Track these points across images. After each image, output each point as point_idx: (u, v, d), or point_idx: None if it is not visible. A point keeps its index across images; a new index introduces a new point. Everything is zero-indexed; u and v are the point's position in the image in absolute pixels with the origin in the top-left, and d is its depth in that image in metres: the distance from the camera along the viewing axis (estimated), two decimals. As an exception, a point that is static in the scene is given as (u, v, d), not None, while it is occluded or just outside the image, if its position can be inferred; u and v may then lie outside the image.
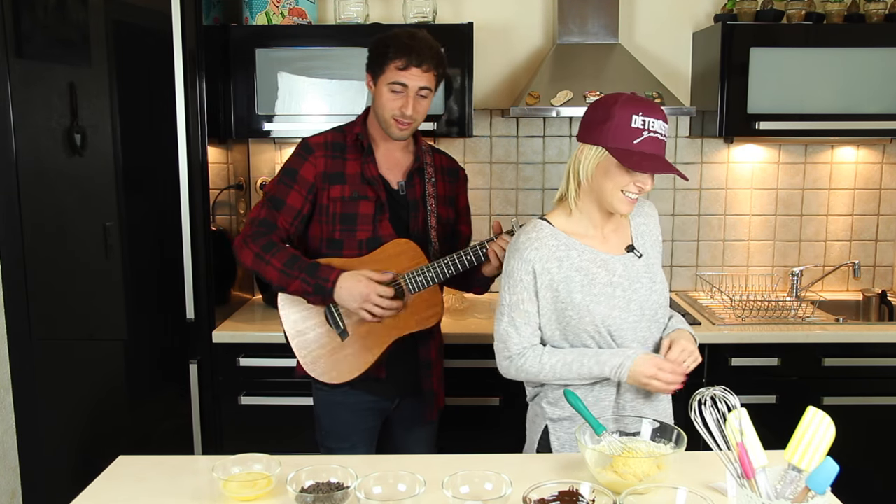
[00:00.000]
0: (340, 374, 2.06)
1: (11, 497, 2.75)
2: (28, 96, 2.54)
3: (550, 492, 1.37)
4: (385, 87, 2.02)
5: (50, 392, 2.70)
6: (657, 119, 1.63)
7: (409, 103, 2.01)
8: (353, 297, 1.97)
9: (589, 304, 1.72)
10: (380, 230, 2.07)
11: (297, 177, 2.07)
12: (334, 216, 2.07)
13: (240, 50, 2.78)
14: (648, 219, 1.87)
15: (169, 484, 1.57)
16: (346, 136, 2.11)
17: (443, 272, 2.04)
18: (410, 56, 1.98)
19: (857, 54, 2.79)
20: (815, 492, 1.22)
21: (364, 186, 2.07)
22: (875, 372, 2.67)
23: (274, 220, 2.07)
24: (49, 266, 2.63)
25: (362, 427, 2.16)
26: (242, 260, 2.07)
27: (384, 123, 2.05)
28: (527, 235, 1.75)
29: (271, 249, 2.02)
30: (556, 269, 1.72)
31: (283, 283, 2.02)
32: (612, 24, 2.93)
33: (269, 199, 2.09)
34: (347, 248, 2.07)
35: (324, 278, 1.98)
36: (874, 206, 3.22)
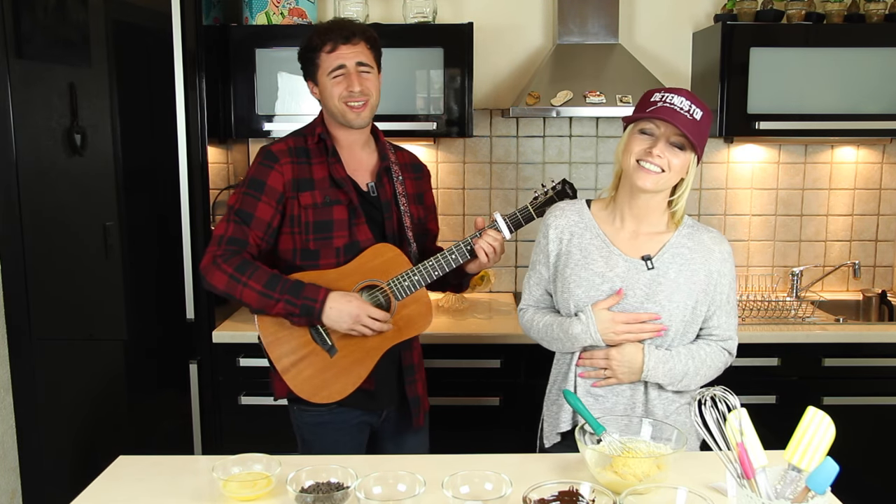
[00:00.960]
0: (332, 392, 1.94)
1: (11, 497, 2.75)
2: (28, 96, 2.55)
3: (550, 492, 1.37)
4: (326, 79, 1.95)
5: (50, 392, 2.70)
6: (677, 94, 1.68)
7: (353, 80, 1.93)
8: (343, 317, 1.86)
9: (570, 283, 1.76)
10: (357, 235, 1.96)
11: (264, 187, 1.92)
12: (307, 225, 1.94)
13: (240, 50, 2.78)
14: (701, 248, 1.77)
15: (169, 484, 1.57)
16: (307, 139, 2.01)
17: (428, 275, 1.96)
18: (335, 36, 1.93)
19: (857, 54, 2.79)
20: (815, 492, 1.22)
21: (335, 190, 1.96)
22: (875, 372, 2.67)
23: (244, 235, 1.91)
24: (49, 266, 2.63)
25: (351, 444, 2.03)
26: (214, 283, 1.89)
27: (339, 114, 1.96)
28: (560, 204, 1.90)
29: (247, 270, 1.87)
30: (567, 241, 1.81)
31: (263, 305, 1.87)
32: (612, 24, 2.93)
33: (236, 214, 1.92)
34: (324, 258, 1.95)
35: (311, 299, 1.86)
36: (874, 206, 3.22)
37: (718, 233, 1.83)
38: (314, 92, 2.02)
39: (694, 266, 1.75)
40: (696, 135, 1.66)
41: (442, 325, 2.71)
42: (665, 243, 1.77)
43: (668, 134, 1.66)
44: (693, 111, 1.65)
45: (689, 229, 1.79)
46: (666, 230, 1.78)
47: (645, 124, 1.69)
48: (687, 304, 1.73)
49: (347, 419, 2.02)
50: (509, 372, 2.63)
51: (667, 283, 1.73)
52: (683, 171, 1.70)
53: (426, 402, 2.14)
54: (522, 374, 2.63)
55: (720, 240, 1.80)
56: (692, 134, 1.64)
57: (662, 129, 1.66)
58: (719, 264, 1.77)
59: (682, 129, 1.63)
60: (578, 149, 3.18)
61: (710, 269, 1.76)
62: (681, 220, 1.78)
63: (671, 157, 1.66)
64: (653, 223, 1.78)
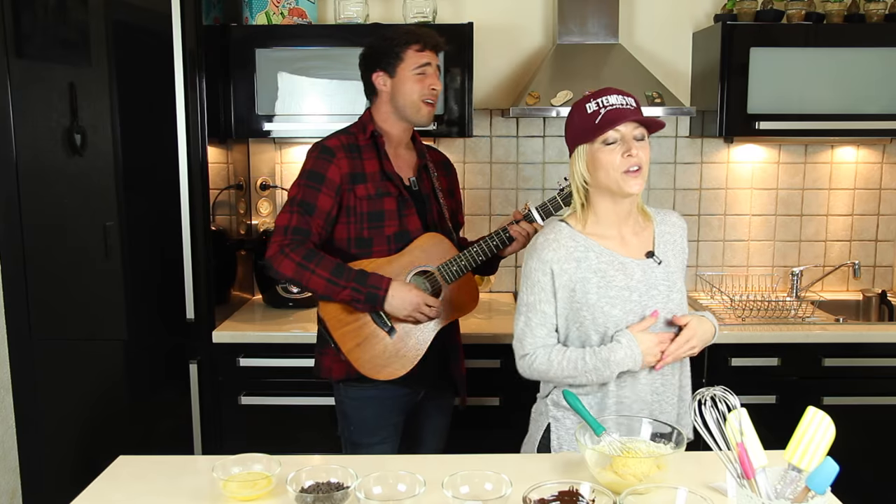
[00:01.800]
0: (395, 370, 2.10)
1: (11, 497, 2.75)
2: (28, 96, 2.54)
3: (550, 492, 1.37)
4: (409, 74, 2.09)
5: (50, 392, 2.70)
6: (611, 95, 1.70)
7: (436, 80, 2.11)
8: (405, 305, 2.03)
9: (604, 305, 1.72)
10: (407, 224, 2.13)
11: (324, 179, 2.07)
12: (362, 215, 2.09)
13: (240, 50, 2.78)
14: (675, 228, 1.86)
15: (169, 484, 1.57)
16: (357, 136, 2.14)
17: (474, 259, 2.13)
18: (425, 39, 2.10)
19: (857, 54, 2.79)
20: (815, 492, 1.22)
21: (385, 183, 2.11)
22: (875, 372, 2.67)
23: (307, 225, 2.05)
24: (49, 266, 2.63)
25: (392, 421, 2.20)
26: (282, 271, 2.03)
27: (413, 109, 2.11)
28: (545, 237, 1.77)
29: (314, 258, 2.01)
30: (574, 270, 1.74)
31: (330, 292, 2.02)
32: (612, 24, 2.94)
33: (299, 205, 2.06)
34: (377, 245, 2.11)
35: (376, 287, 2.01)
36: (874, 206, 3.22)
37: (672, 210, 1.94)
38: (383, 84, 2.13)
39: (677, 247, 1.85)
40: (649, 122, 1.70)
41: (442, 325, 2.71)
42: (653, 235, 1.82)
43: (630, 132, 1.69)
44: (629, 102, 1.70)
45: (660, 215, 1.87)
46: (644, 224, 1.83)
47: (607, 134, 1.68)
48: (684, 282, 1.84)
49: (391, 396, 2.16)
50: (509, 372, 2.60)
51: (673, 270, 1.80)
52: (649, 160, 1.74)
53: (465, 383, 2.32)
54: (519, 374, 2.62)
55: (679, 216, 1.91)
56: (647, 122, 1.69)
57: (623, 129, 1.68)
58: (685, 237, 1.89)
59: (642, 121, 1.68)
60: (578, 149, 3.17)
61: (684, 245, 1.87)
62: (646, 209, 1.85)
63: (640, 151, 1.69)
64: (633, 220, 1.81)
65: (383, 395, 2.15)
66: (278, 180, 3.18)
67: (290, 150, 3.17)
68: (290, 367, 2.63)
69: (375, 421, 2.18)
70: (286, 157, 3.18)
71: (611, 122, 1.67)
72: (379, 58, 2.12)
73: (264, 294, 3.04)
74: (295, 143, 3.13)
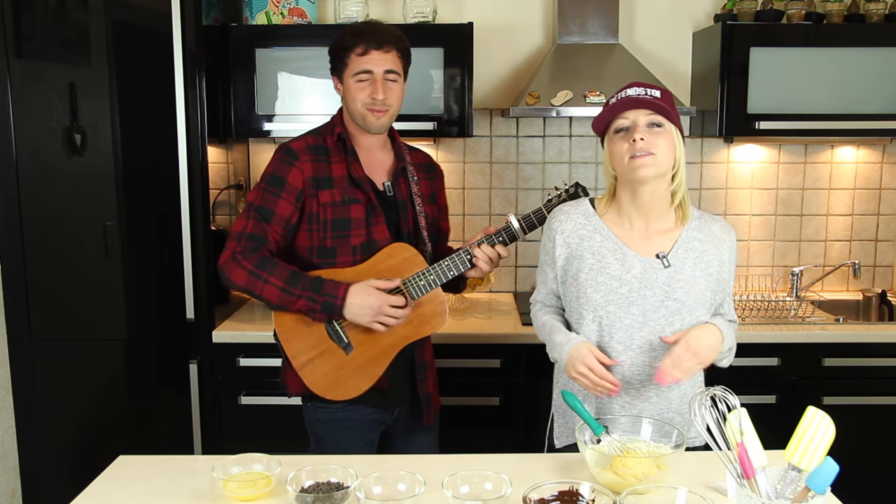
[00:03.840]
0: (348, 389, 1.97)
1: (11, 497, 2.75)
2: (28, 96, 2.54)
3: (550, 492, 1.37)
4: (351, 80, 1.96)
5: (50, 392, 2.70)
6: (632, 87, 1.71)
7: (378, 88, 1.94)
8: (365, 311, 1.88)
9: (588, 288, 1.73)
10: (374, 234, 1.98)
11: (284, 184, 1.94)
12: (325, 223, 1.96)
13: (240, 50, 2.78)
14: (711, 238, 1.77)
15: (169, 484, 1.57)
16: (325, 137, 2.02)
17: (444, 273, 1.97)
18: (368, 40, 1.94)
19: (857, 54, 2.79)
20: (815, 492, 1.22)
21: (353, 189, 1.98)
22: (875, 372, 2.67)
23: (263, 232, 1.93)
24: (49, 266, 2.63)
25: (363, 441, 2.06)
26: (234, 279, 1.91)
27: (359, 117, 1.98)
28: (562, 207, 1.85)
29: (267, 266, 1.89)
30: (576, 246, 1.77)
31: (283, 302, 1.90)
32: (612, 24, 2.94)
33: (256, 210, 1.94)
34: (341, 256, 1.97)
35: (332, 295, 1.88)
36: (874, 206, 3.22)
37: (725, 221, 1.83)
38: (338, 88, 2.05)
39: (707, 258, 1.75)
40: (664, 110, 1.67)
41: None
42: (677, 239, 1.76)
43: (641, 118, 1.67)
44: (650, 92, 1.69)
45: (698, 221, 1.79)
46: (675, 226, 1.77)
47: (617, 122, 1.69)
48: (705, 296, 1.74)
49: (360, 416, 2.03)
50: (509, 372, 2.63)
51: (684, 278, 1.72)
52: (673, 150, 1.69)
53: (437, 401, 2.17)
54: (522, 374, 2.63)
55: (728, 229, 1.81)
56: (660, 109, 1.67)
57: (632, 117, 1.68)
58: (728, 253, 1.79)
59: (649, 107, 1.66)
60: (578, 149, 3.18)
61: (722, 258, 1.77)
62: (688, 212, 1.77)
63: (654, 138, 1.66)
64: (661, 219, 1.76)
65: (352, 416, 2.01)
66: (278, 180, 3.17)
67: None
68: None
69: (347, 444, 2.01)
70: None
71: (615, 109, 1.68)
72: (332, 58, 2.02)
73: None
74: (295, 143, 3.13)
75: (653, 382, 1.71)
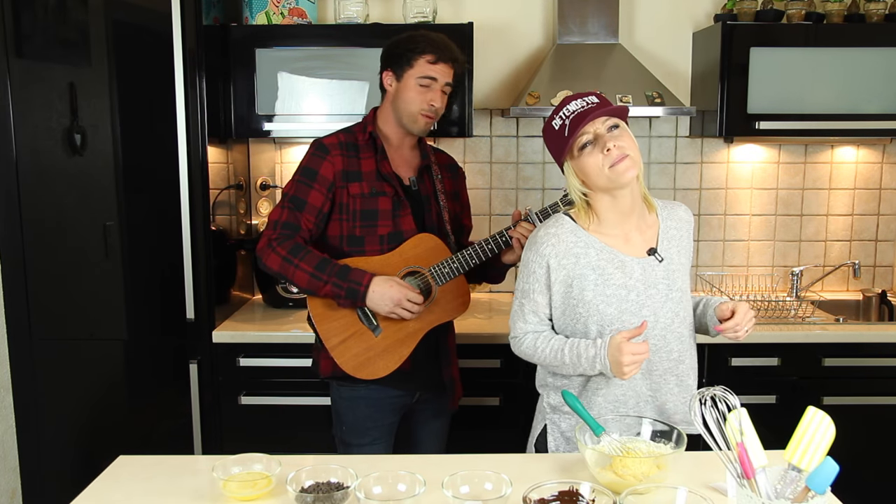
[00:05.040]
0: (377, 369, 2.09)
1: (11, 497, 2.75)
2: (28, 96, 2.54)
3: (550, 492, 1.37)
4: (413, 82, 2.07)
5: (50, 392, 2.70)
6: (570, 103, 1.71)
7: (437, 96, 2.09)
8: (385, 301, 2.00)
9: (599, 303, 1.72)
10: (401, 225, 2.11)
11: (317, 176, 2.08)
12: (355, 213, 2.09)
13: (240, 50, 2.78)
14: (681, 223, 1.84)
15: (169, 484, 1.57)
16: (356, 136, 2.14)
17: (466, 262, 2.10)
18: (441, 51, 2.07)
19: (857, 54, 2.79)
20: (815, 492, 1.22)
21: (381, 183, 2.10)
22: (875, 372, 2.67)
23: (297, 220, 2.07)
24: (49, 266, 2.63)
25: (384, 422, 2.18)
26: (269, 264, 2.05)
27: (409, 118, 2.10)
28: (546, 230, 1.78)
29: (299, 253, 2.02)
30: (573, 265, 1.74)
31: (313, 287, 2.02)
32: (612, 24, 2.94)
33: (290, 200, 2.08)
34: (369, 245, 2.10)
35: (357, 282, 2.00)
36: (874, 206, 3.23)
37: (682, 203, 1.90)
38: (389, 84, 2.13)
39: (683, 242, 1.83)
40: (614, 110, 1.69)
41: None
42: (658, 231, 1.80)
43: (600, 127, 1.68)
44: (588, 101, 1.70)
45: (665, 210, 1.84)
46: (649, 220, 1.81)
47: (578, 140, 1.69)
48: (688, 278, 1.83)
49: (383, 396, 2.15)
50: (509, 372, 2.63)
51: (676, 267, 1.78)
52: (636, 144, 1.71)
53: (460, 387, 2.29)
54: (522, 374, 2.63)
55: (688, 210, 1.89)
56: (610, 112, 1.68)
57: (591, 129, 1.68)
58: (692, 232, 1.87)
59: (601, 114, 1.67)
60: (578, 149, 3.17)
61: (690, 239, 1.86)
62: (652, 201, 1.82)
63: (620, 141, 1.67)
64: (637, 214, 1.79)
65: (374, 395, 2.14)
66: (278, 180, 3.18)
67: (290, 149, 3.17)
68: (289, 367, 2.63)
69: (367, 422, 2.16)
70: (286, 157, 3.18)
71: (574, 128, 1.67)
72: (392, 57, 2.12)
73: (264, 294, 3.04)
74: (295, 142, 3.13)
75: (672, 374, 1.76)
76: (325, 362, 2.14)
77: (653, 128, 3.18)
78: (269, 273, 2.09)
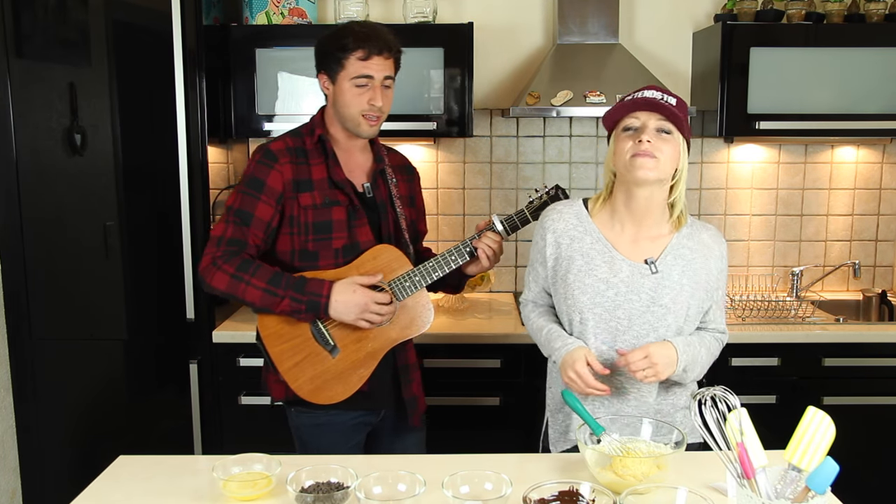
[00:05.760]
0: (335, 393, 1.94)
1: (11, 497, 2.75)
2: (28, 96, 2.54)
3: (550, 492, 1.37)
4: (348, 84, 1.91)
5: (50, 392, 2.70)
6: (649, 90, 1.71)
7: (377, 95, 1.91)
8: (350, 308, 1.86)
9: (575, 289, 1.74)
10: (357, 236, 1.95)
11: (264, 187, 1.90)
12: (306, 226, 1.92)
13: (240, 50, 2.78)
14: (701, 246, 1.76)
15: (169, 484, 1.57)
16: (304, 139, 1.98)
17: (429, 275, 1.96)
18: (371, 45, 1.89)
19: (857, 54, 2.79)
20: (815, 492, 1.22)
21: (334, 191, 1.94)
22: (875, 372, 2.67)
23: (243, 236, 1.89)
24: (49, 266, 2.63)
25: (349, 444, 2.03)
26: (215, 284, 1.87)
27: (352, 122, 1.95)
28: (556, 206, 1.86)
29: (249, 268, 1.86)
30: (567, 246, 1.78)
31: (267, 303, 1.86)
32: (612, 24, 2.94)
33: (236, 214, 1.90)
34: (323, 259, 1.94)
35: (316, 293, 1.85)
36: (874, 206, 3.22)
37: (716, 230, 1.82)
38: (327, 88, 1.99)
39: (695, 266, 1.74)
40: (677, 118, 1.67)
41: (442, 325, 2.71)
42: (666, 245, 1.75)
43: (652, 122, 1.67)
44: (666, 99, 1.68)
45: (689, 228, 1.78)
46: (667, 232, 1.76)
47: (627, 121, 1.69)
48: (690, 304, 1.73)
49: (345, 420, 2.01)
50: (509, 372, 2.63)
51: (671, 285, 1.71)
52: (676, 159, 1.68)
53: (423, 402, 2.13)
54: (522, 374, 2.63)
55: (718, 238, 1.80)
56: (672, 116, 1.66)
57: (643, 118, 1.67)
58: (718, 261, 1.77)
59: (662, 112, 1.66)
60: (578, 149, 3.18)
61: (710, 267, 1.75)
62: (684, 219, 1.76)
63: (660, 143, 1.66)
64: (653, 225, 1.75)
65: (336, 420, 1.99)
66: (278, 180, 3.17)
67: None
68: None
69: (332, 449, 1.97)
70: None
71: (627, 107, 1.69)
72: (325, 56, 1.95)
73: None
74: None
75: (633, 385, 1.73)
76: (276, 386, 1.99)
77: (653, 128, 3.18)
78: (215, 294, 1.91)
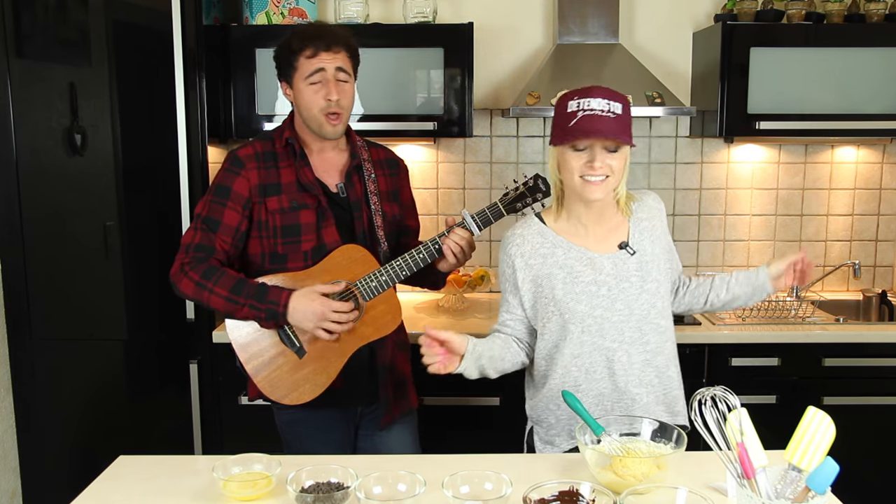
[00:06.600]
0: (302, 394, 1.95)
1: (11, 497, 2.75)
2: (28, 96, 2.55)
3: (550, 492, 1.37)
4: (303, 84, 1.93)
5: (50, 392, 2.70)
6: (593, 98, 1.66)
7: (331, 89, 1.92)
8: (307, 317, 1.87)
9: (569, 301, 1.74)
10: (324, 238, 1.96)
11: (230, 193, 1.93)
12: (275, 229, 1.95)
13: (240, 50, 2.77)
14: (651, 212, 1.83)
15: (169, 484, 1.57)
16: (274, 143, 2.00)
17: (396, 275, 1.96)
18: (318, 41, 1.91)
19: (857, 54, 2.79)
20: (815, 492, 1.22)
21: (302, 194, 1.96)
22: (875, 372, 2.67)
23: (210, 242, 1.92)
24: (49, 266, 2.63)
25: (330, 441, 2.04)
26: (183, 290, 1.92)
27: (315, 123, 1.95)
28: (513, 231, 1.83)
29: (212, 276, 1.89)
30: (540, 265, 1.77)
31: (230, 310, 1.90)
32: (612, 24, 2.93)
33: (203, 221, 1.94)
34: (292, 262, 1.96)
35: (274, 302, 1.87)
36: (874, 206, 3.22)
37: (652, 192, 1.89)
38: (288, 94, 2.00)
39: (656, 232, 1.82)
40: (623, 131, 1.67)
41: (442, 325, 2.70)
42: (629, 225, 1.80)
43: (599, 145, 1.67)
44: (612, 108, 1.66)
45: (637, 203, 1.83)
46: (621, 217, 1.81)
47: (575, 142, 1.67)
48: (668, 266, 1.83)
49: (321, 417, 2.03)
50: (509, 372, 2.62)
51: (649, 258, 1.78)
52: (624, 168, 1.72)
53: (404, 403, 2.12)
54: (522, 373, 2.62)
55: (657, 197, 1.88)
56: (620, 133, 1.65)
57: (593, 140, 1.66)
58: (663, 220, 1.86)
59: (610, 135, 1.64)
60: (578, 149, 3.17)
61: (664, 227, 1.85)
62: (631, 206, 1.81)
63: (610, 161, 1.68)
64: (612, 215, 1.80)
65: (312, 417, 2.02)
66: (278, 180, 3.17)
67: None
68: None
69: (316, 444, 2.00)
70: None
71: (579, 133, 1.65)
72: (280, 63, 1.98)
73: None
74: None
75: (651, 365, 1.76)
76: (252, 386, 2.01)
77: (653, 128, 3.18)
78: (186, 299, 1.97)
